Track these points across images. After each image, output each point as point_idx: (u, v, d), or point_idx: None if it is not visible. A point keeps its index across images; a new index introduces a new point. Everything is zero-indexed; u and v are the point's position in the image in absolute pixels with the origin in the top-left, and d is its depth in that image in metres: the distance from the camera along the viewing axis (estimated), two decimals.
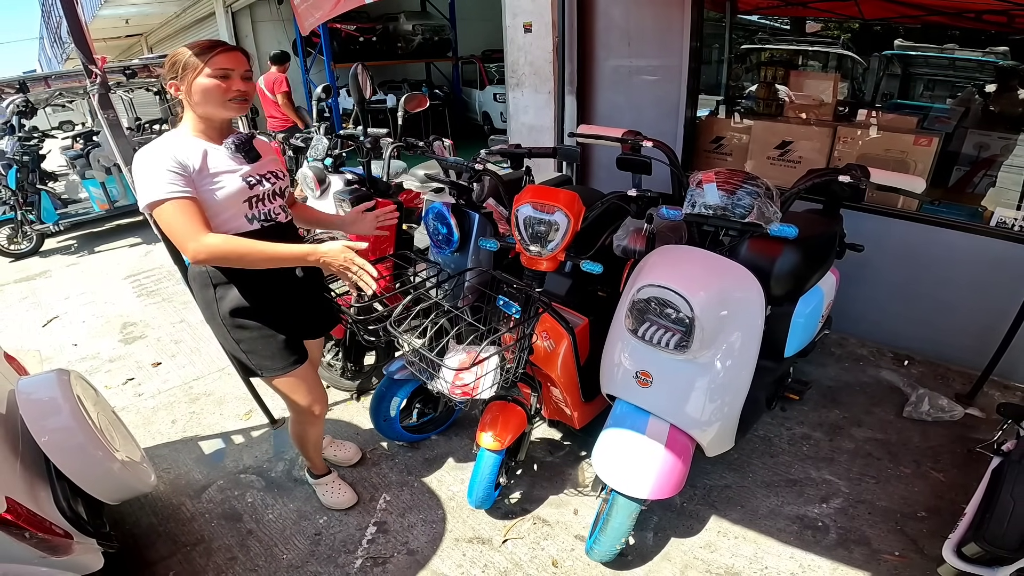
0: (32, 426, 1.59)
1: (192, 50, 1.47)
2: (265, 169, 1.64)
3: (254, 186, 1.58)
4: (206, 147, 1.53)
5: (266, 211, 1.64)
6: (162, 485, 2.29)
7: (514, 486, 2.18)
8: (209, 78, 1.46)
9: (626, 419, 1.71)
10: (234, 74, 1.48)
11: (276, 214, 1.67)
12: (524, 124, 4.20)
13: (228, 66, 1.46)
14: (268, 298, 1.67)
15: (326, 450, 2.32)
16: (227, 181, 1.53)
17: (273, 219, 1.66)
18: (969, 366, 2.67)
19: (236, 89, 1.49)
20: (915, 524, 1.94)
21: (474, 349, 1.67)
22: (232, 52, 1.49)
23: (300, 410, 1.86)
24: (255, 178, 1.59)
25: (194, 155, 1.48)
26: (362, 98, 2.46)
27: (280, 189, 1.69)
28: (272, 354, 1.71)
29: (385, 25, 9.68)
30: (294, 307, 1.75)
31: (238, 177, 1.55)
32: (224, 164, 1.54)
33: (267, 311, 1.68)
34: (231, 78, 1.48)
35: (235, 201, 1.55)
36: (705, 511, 2.04)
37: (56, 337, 3.71)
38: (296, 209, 1.91)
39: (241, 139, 1.56)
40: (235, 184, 1.54)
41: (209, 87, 1.46)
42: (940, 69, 4.10)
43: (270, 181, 1.64)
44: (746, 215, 1.41)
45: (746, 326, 1.56)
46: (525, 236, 1.66)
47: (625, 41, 3.53)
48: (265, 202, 1.63)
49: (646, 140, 1.84)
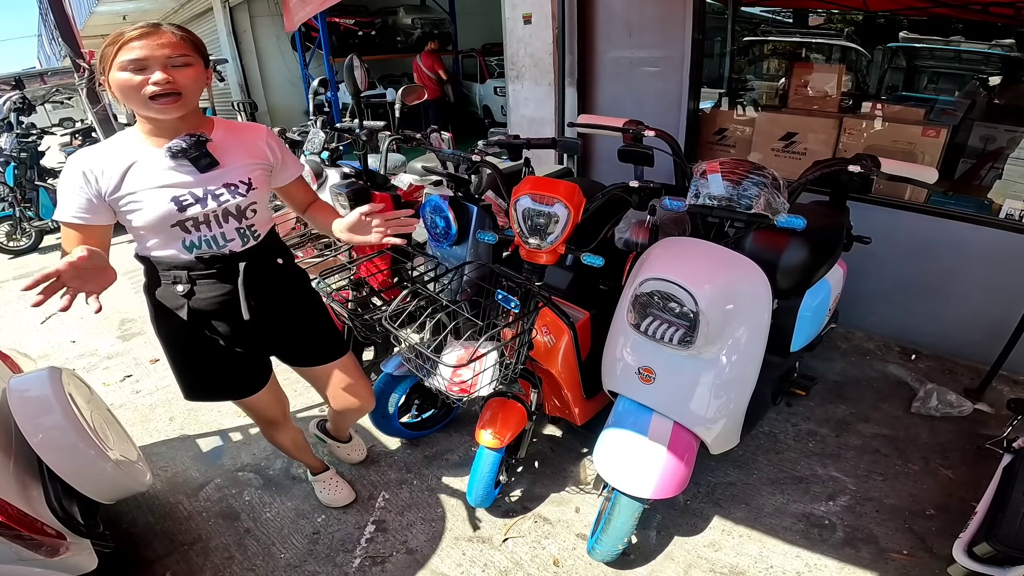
0: (23, 425, 1.56)
1: (109, 37, 1.19)
2: (220, 182, 1.32)
3: (189, 206, 1.28)
4: (141, 155, 1.27)
5: (209, 238, 1.34)
6: (159, 483, 2.26)
7: (514, 484, 2.15)
8: (122, 71, 1.17)
9: (628, 416, 1.68)
10: (153, 64, 1.18)
11: (228, 240, 1.36)
12: (524, 116, 4.15)
13: (142, 55, 1.16)
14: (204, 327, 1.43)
15: (340, 448, 2.26)
16: (149, 201, 1.25)
17: (219, 248, 1.36)
18: (978, 361, 2.62)
19: (154, 82, 1.17)
20: (924, 522, 1.91)
21: (472, 345, 1.64)
22: (151, 35, 1.18)
23: (258, 422, 1.80)
24: (193, 195, 1.29)
25: (114, 169, 1.24)
26: (357, 90, 2.43)
27: (237, 208, 1.35)
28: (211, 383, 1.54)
29: (384, 19, 9.61)
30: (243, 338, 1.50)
31: (166, 196, 1.26)
32: (152, 178, 1.26)
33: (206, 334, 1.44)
34: (148, 69, 1.17)
35: (160, 225, 1.28)
36: (709, 509, 2.00)
37: (54, 334, 3.69)
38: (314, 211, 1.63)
39: (184, 144, 1.26)
40: (158, 206, 1.26)
41: (122, 83, 1.18)
42: (945, 62, 4.05)
43: (218, 199, 1.31)
44: (752, 206, 1.37)
45: (752, 320, 1.52)
46: (524, 228, 1.62)
47: (626, 32, 3.47)
48: (210, 226, 1.33)
49: (648, 129, 1.79)
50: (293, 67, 10.27)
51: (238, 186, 1.35)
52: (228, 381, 1.56)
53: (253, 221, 1.41)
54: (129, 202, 1.26)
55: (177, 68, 1.21)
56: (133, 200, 1.26)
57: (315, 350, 1.69)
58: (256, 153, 1.43)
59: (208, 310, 1.41)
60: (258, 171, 1.41)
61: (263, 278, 1.48)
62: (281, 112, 10.76)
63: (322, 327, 1.69)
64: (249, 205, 1.38)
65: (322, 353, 1.70)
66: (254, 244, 1.43)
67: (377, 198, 2.46)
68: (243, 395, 1.60)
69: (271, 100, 10.79)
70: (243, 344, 1.51)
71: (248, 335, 1.50)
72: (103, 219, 1.27)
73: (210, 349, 1.46)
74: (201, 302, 1.40)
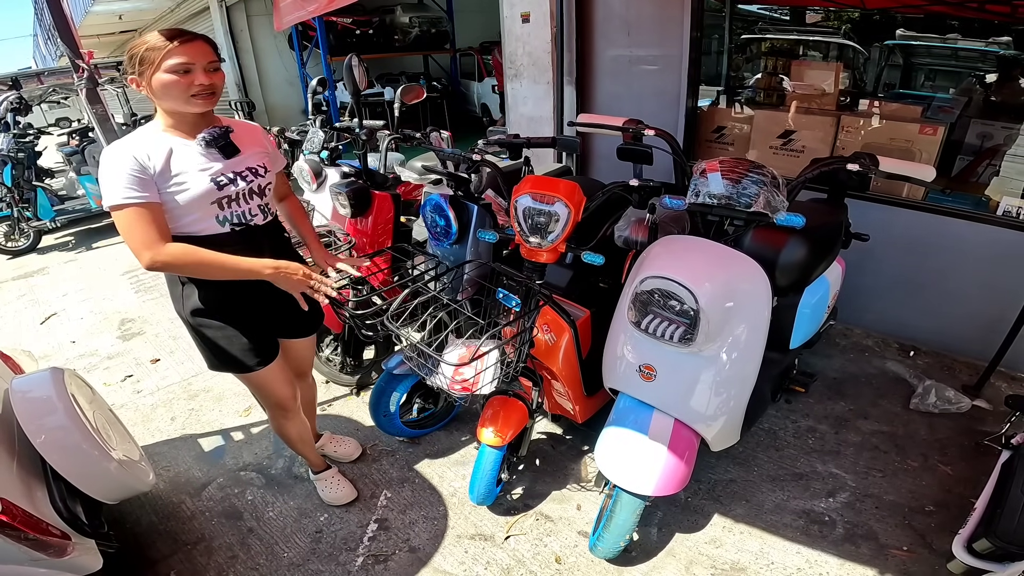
0: (26, 426, 1.57)
1: (149, 42, 1.35)
2: (243, 166, 1.54)
3: (224, 186, 1.48)
4: (174, 144, 1.44)
5: (240, 212, 1.54)
6: (162, 483, 2.27)
7: (516, 481, 2.16)
8: (168, 73, 1.34)
9: (629, 414, 1.69)
10: (196, 67, 1.36)
11: (252, 215, 1.57)
12: (523, 115, 4.15)
13: (188, 59, 1.35)
14: (235, 299, 1.60)
15: (325, 447, 2.30)
16: (192, 182, 1.43)
17: (247, 222, 1.56)
18: (976, 357, 2.64)
19: (199, 84, 1.37)
20: (923, 518, 1.92)
21: (474, 343, 1.64)
22: (193, 43, 1.37)
23: (269, 406, 1.87)
24: (227, 177, 1.49)
25: (158, 154, 1.40)
26: (357, 90, 2.42)
27: (259, 187, 1.58)
28: (234, 355, 1.65)
29: (382, 18, 9.59)
30: (265, 308, 1.68)
31: (206, 177, 1.45)
32: (192, 163, 1.44)
33: (233, 311, 1.61)
34: (192, 72, 1.36)
35: (202, 203, 1.46)
36: (710, 506, 2.01)
37: (54, 334, 3.69)
38: (287, 205, 1.85)
39: (214, 134, 1.46)
40: (201, 185, 1.44)
41: (168, 83, 1.35)
42: (942, 59, 4.06)
43: (246, 179, 1.53)
44: (751, 204, 1.37)
45: (752, 318, 1.52)
46: (524, 227, 1.63)
47: (625, 30, 3.48)
48: (240, 202, 1.53)
49: (648, 129, 1.79)
50: (290, 66, 10.25)
51: (257, 169, 1.57)
52: (251, 349, 1.67)
53: (268, 199, 1.63)
54: (175, 183, 1.41)
55: (213, 72, 1.41)
56: (178, 181, 1.42)
57: (305, 320, 1.83)
58: (262, 143, 1.65)
59: (236, 280, 1.53)
60: (267, 158, 1.63)
61: (279, 245, 1.69)
62: (279, 111, 10.74)
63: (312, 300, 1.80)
64: (267, 184, 1.60)
65: (308, 324, 1.88)
66: (271, 219, 1.66)
67: (376, 197, 2.47)
68: (263, 363, 1.71)
69: (268, 99, 10.77)
70: (262, 312, 1.67)
71: (267, 302, 1.66)
72: (157, 197, 1.40)
73: (235, 318, 1.62)
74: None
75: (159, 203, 1.40)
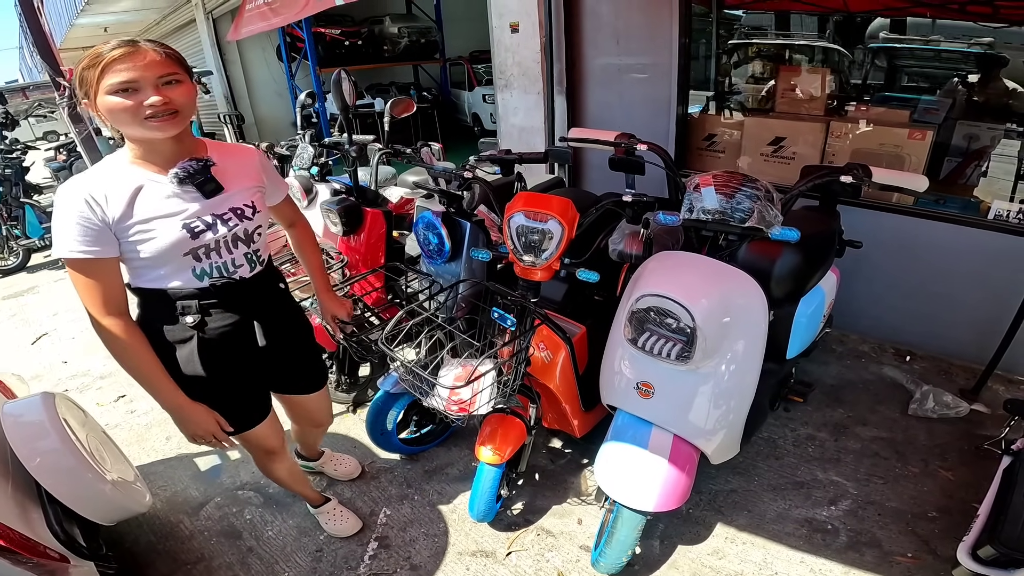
0: (19, 451, 1.57)
1: (84, 60, 1.11)
2: (226, 207, 1.29)
3: (201, 233, 1.24)
4: (143, 180, 1.21)
5: (220, 264, 1.30)
6: (159, 503, 2.25)
7: (516, 496, 2.14)
8: (111, 95, 1.11)
9: (628, 430, 1.67)
10: (144, 84, 1.11)
11: (236, 266, 1.33)
12: (514, 125, 4.15)
13: (132, 76, 1.09)
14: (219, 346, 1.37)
15: (325, 465, 2.26)
16: (161, 229, 1.20)
17: (229, 275, 1.32)
18: (972, 360, 2.64)
19: (150, 104, 1.12)
20: (926, 524, 1.91)
21: (470, 363, 1.63)
22: (136, 54, 1.10)
23: (253, 453, 1.73)
24: (204, 222, 1.25)
25: (119, 195, 1.17)
26: (345, 105, 2.40)
27: (245, 233, 1.33)
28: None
29: (370, 28, 9.61)
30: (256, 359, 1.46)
31: (177, 223, 1.21)
32: (161, 206, 1.21)
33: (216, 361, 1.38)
34: (140, 90, 1.11)
35: (172, 254, 1.22)
36: (711, 517, 2.00)
37: (46, 355, 3.65)
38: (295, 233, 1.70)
39: (190, 168, 1.21)
40: (171, 234, 1.20)
41: (113, 107, 1.11)
42: (925, 61, 4.08)
43: (228, 224, 1.29)
44: (746, 219, 1.36)
45: (749, 332, 1.52)
46: (518, 245, 1.62)
47: (614, 39, 3.49)
48: (220, 252, 1.29)
49: (640, 143, 1.79)
50: (279, 78, 10.22)
51: (243, 210, 1.33)
52: (235, 413, 1.49)
53: (259, 245, 1.39)
54: (139, 231, 1.18)
55: (169, 87, 1.15)
56: (143, 229, 1.19)
57: (306, 378, 1.69)
58: (254, 176, 1.40)
59: (218, 340, 1.35)
60: (258, 194, 1.39)
61: (269, 303, 1.48)
62: (268, 123, 10.71)
63: (314, 354, 1.70)
64: (256, 229, 1.37)
65: (311, 381, 1.72)
66: (260, 270, 1.42)
67: (368, 215, 2.45)
68: (249, 426, 1.54)
69: (258, 111, 10.73)
70: (249, 373, 1.48)
71: (256, 363, 1.47)
72: (112, 250, 1.19)
73: (217, 382, 1.40)
74: (211, 332, 1.34)
75: (113, 258, 1.19)
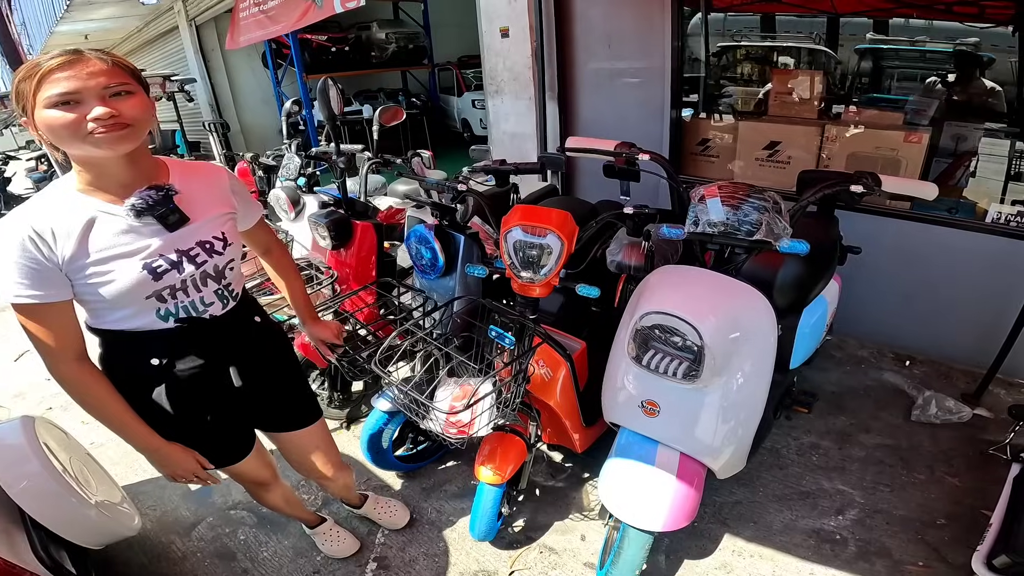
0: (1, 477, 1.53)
1: (20, 72, 0.98)
2: (193, 240, 1.15)
3: (165, 273, 1.11)
4: (95, 212, 1.06)
5: (187, 304, 1.17)
6: (149, 523, 2.18)
7: (517, 513, 2.08)
8: (48, 109, 0.97)
9: (632, 449, 1.62)
10: (86, 95, 0.97)
11: (206, 305, 1.20)
12: (505, 132, 4.10)
13: (71, 86, 0.96)
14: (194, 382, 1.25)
15: (369, 512, 2.05)
16: (118, 270, 1.06)
17: (198, 314, 1.20)
18: (972, 364, 2.62)
19: (94, 117, 0.97)
20: (936, 532, 1.88)
21: (467, 383, 1.57)
22: (77, 63, 0.97)
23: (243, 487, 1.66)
24: (168, 260, 1.11)
25: (67, 233, 1.02)
26: (332, 115, 2.32)
27: (215, 270, 1.20)
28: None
29: (358, 34, 9.51)
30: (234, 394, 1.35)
31: (136, 263, 1.08)
32: (117, 243, 1.06)
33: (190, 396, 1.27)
34: (83, 102, 0.97)
35: (133, 296, 1.09)
36: (718, 530, 1.96)
37: (28, 372, 3.52)
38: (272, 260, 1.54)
39: (149, 198, 1.06)
40: (130, 274, 1.07)
41: (52, 123, 0.97)
42: (911, 61, 4.07)
43: (196, 261, 1.15)
44: (754, 232, 1.31)
45: (759, 348, 1.47)
46: (516, 261, 1.56)
47: (605, 43, 3.45)
48: (188, 291, 1.16)
49: (642, 153, 1.71)
50: (265, 85, 10.08)
51: (213, 243, 1.19)
52: (215, 451, 1.39)
53: (230, 280, 1.26)
54: (94, 273, 1.05)
55: (118, 98, 1.01)
56: (99, 270, 1.05)
57: (293, 414, 1.56)
58: (224, 201, 1.26)
59: (187, 382, 1.24)
60: (229, 222, 1.26)
61: (244, 340, 1.36)
62: (255, 131, 10.56)
63: (300, 388, 1.57)
64: (227, 264, 1.23)
65: (299, 417, 1.57)
66: (234, 305, 1.29)
67: (358, 228, 2.38)
68: (232, 462, 1.45)
69: (244, 119, 10.58)
70: (226, 413, 1.37)
71: (232, 403, 1.36)
72: (63, 293, 1.05)
73: (192, 422, 1.29)
74: (180, 374, 1.23)
75: (64, 302, 1.06)
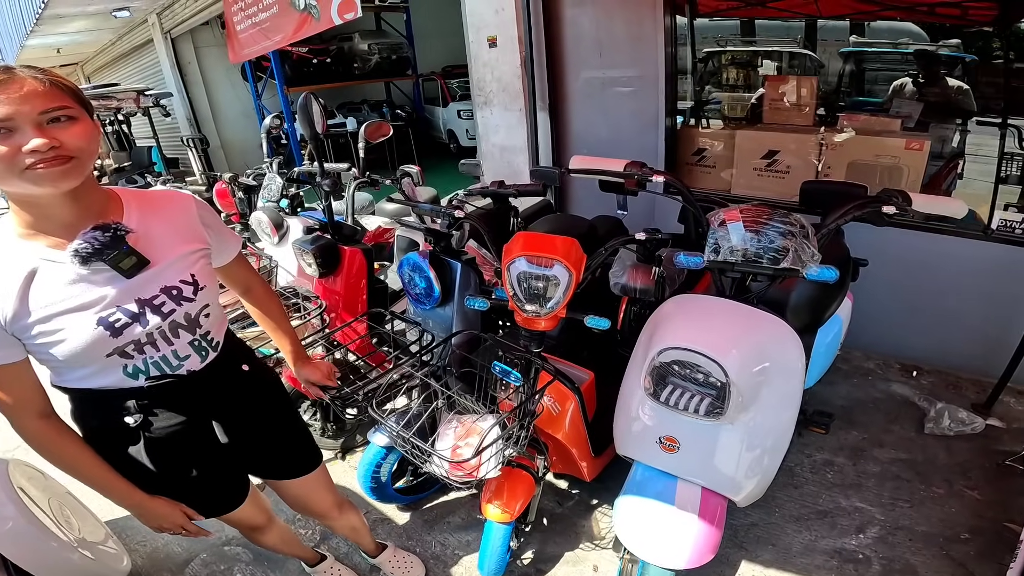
0: None
1: None
2: (157, 286, 1.00)
3: (124, 328, 0.96)
4: (36, 260, 0.92)
5: (157, 359, 1.03)
6: (139, 559, 2.07)
7: (525, 545, 2.00)
8: None
9: (650, 484, 1.53)
10: (20, 121, 0.83)
11: (181, 359, 1.06)
12: (495, 145, 4.01)
13: (3, 113, 0.82)
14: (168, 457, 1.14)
15: (383, 564, 1.90)
16: (70, 329, 0.92)
17: (172, 370, 1.06)
18: (979, 373, 2.58)
19: (30, 149, 0.83)
20: (960, 547, 1.83)
21: (469, 420, 1.47)
22: (7, 83, 0.83)
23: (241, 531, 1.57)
24: (127, 312, 0.97)
25: (5, 287, 0.90)
26: (315, 132, 2.18)
27: (187, 319, 1.04)
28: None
29: (340, 46, 9.38)
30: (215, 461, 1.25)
31: (91, 319, 0.94)
32: (64, 295, 0.92)
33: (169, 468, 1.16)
34: (16, 130, 0.83)
35: (91, 355, 0.95)
36: (735, 554, 1.89)
37: None
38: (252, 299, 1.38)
39: (95, 240, 0.91)
40: (84, 333, 0.93)
41: None
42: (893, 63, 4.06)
43: (161, 311, 1.00)
44: (780, 259, 1.23)
45: (785, 379, 1.37)
46: (520, 293, 1.46)
47: (596, 52, 3.38)
48: (157, 345, 1.02)
49: (656, 174, 1.57)
50: (245, 98, 9.88)
51: (181, 289, 1.03)
52: (205, 503, 1.28)
53: (208, 328, 1.10)
54: (41, 332, 0.92)
55: (58, 125, 0.87)
56: (46, 329, 0.92)
57: (290, 463, 1.45)
58: (192, 236, 1.09)
59: (167, 440, 1.11)
60: (201, 261, 1.09)
61: (230, 394, 1.23)
62: (236, 146, 10.34)
63: (297, 435, 1.46)
64: (201, 310, 1.07)
65: (297, 466, 1.45)
66: (215, 357, 1.14)
67: (346, 253, 2.26)
68: (224, 512, 1.35)
69: (224, 134, 10.35)
70: (213, 467, 1.26)
71: (220, 457, 1.26)
72: (13, 355, 0.93)
73: (173, 478, 1.18)
74: (158, 431, 1.10)
75: (17, 363, 0.94)
